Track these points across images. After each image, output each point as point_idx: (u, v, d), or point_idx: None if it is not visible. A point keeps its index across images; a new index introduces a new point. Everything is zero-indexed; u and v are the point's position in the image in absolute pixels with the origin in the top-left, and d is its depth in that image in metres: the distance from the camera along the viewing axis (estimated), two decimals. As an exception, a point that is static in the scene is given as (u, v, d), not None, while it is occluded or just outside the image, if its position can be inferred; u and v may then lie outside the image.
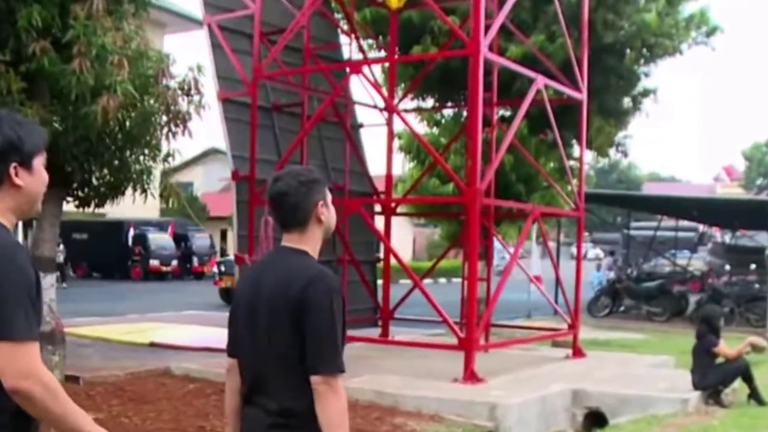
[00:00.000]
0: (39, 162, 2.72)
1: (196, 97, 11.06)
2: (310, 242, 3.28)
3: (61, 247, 35.57)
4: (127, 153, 11.32)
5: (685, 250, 33.20)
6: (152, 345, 14.52)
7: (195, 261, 40.24)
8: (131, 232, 39.66)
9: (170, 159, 11.54)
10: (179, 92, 10.64)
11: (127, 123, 11.02)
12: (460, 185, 11.23)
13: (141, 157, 11.52)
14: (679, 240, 32.11)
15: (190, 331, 16.07)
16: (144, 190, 11.61)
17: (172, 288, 33.46)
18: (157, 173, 11.70)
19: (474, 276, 10.88)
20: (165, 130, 10.64)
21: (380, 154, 17.58)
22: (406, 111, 16.03)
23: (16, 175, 2.65)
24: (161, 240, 39.53)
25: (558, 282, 14.58)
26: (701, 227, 37.92)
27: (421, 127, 18.04)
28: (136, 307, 22.60)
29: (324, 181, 3.34)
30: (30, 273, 2.58)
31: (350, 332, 13.17)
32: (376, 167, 15.59)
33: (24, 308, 2.52)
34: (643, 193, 47.03)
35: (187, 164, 53.85)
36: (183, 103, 10.65)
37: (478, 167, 10.82)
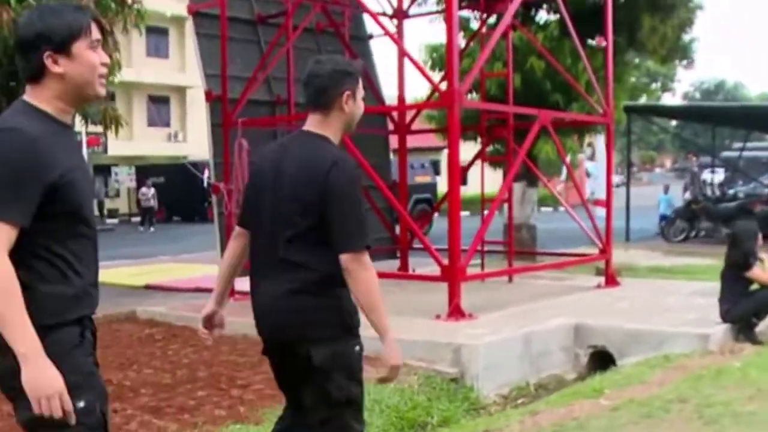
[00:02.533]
0: (80, 47, 2.68)
1: (135, 6, 9.75)
2: (331, 128, 3.51)
3: (152, 191, 35.12)
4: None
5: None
6: (147, 287, 13.42)
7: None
8: (206, 173, 38.87)
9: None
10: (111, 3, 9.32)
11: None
12: (436, 88, 9.50)
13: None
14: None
15: (196, 271, 14.84)
16: (84, 117, 10.34)
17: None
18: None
19: (456, 195, 9.21)
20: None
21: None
22: (420, 15, 14.21)
23: (55, 62, 2.65)
24: (236, 180, 38.64)
25: (585, 205, 12.65)
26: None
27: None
28: (182, 248, 21.75)
29: (356, 74, 3.54)
30: (12, 157, 2.53)
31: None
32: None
33: None
34: (699, 103, 43.19)
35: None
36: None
37: (455, 68, 9.12)
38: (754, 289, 8.82)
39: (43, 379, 2.51)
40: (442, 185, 33.92)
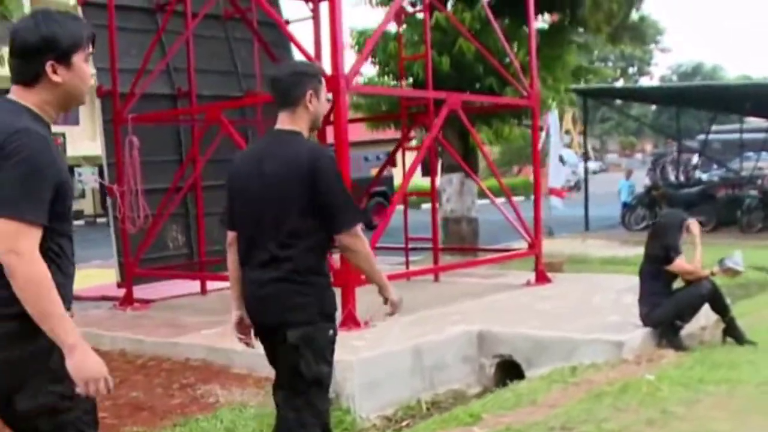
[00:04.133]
0: (79, 58, 2.80)
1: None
2: (299, 124, 3.88)
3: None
4: None
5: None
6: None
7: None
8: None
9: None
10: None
11: None
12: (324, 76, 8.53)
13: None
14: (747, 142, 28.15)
15: (111, 277, 13.87)
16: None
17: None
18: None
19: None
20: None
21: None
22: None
23: (54, 72, 2.76)
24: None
25: (508, 197, 11.70)
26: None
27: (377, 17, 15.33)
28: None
29: (317, 76, 3.98)
30: (40, 162, 2.63)
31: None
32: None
33: (26, 192, 2.61)
34: (654, 84, 41.97)
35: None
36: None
37: (340, 50, 8.21)
38: (677, 288, 7.92)
39: (90, 364, 2.70)
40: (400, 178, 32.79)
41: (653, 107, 54.68)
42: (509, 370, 7.78)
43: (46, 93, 2.78)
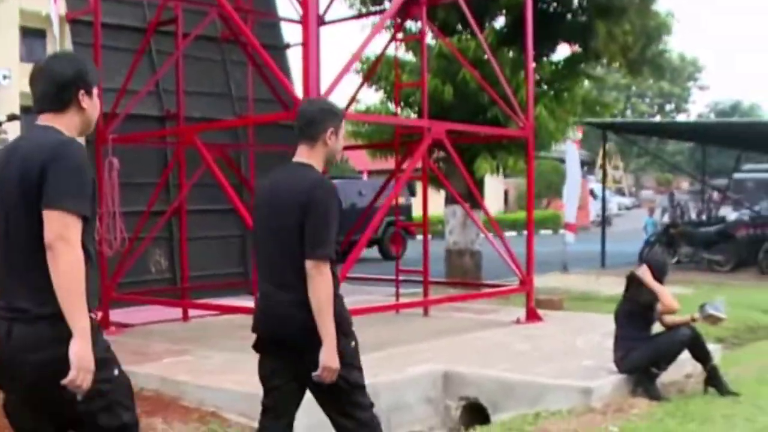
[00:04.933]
0: (95, 91, 3.34)
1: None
2: (315, 158, 4.11)
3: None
4: None
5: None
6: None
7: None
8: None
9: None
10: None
11: None
12: (295, 100, 8.27)
13: None
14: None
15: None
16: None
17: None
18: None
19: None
20: None
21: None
22: (334, 22, 12.83)
23: (83, 98, 3.27)
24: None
25: (493, 232, 11.31)
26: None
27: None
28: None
29: (339, 115, 4.21)
30: (85, 167, 3.13)
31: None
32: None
33: (75, 189, 3.06)
34: (675, 120, 41.19)
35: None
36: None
37: (313, 77, 8.00)
38: (655, 333, 7.50)
39: (88, 355, 3.01)
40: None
41: (689, 144, 53.97)
42: (476, 413, 7.41)
43: (75, 118, 3.27)
